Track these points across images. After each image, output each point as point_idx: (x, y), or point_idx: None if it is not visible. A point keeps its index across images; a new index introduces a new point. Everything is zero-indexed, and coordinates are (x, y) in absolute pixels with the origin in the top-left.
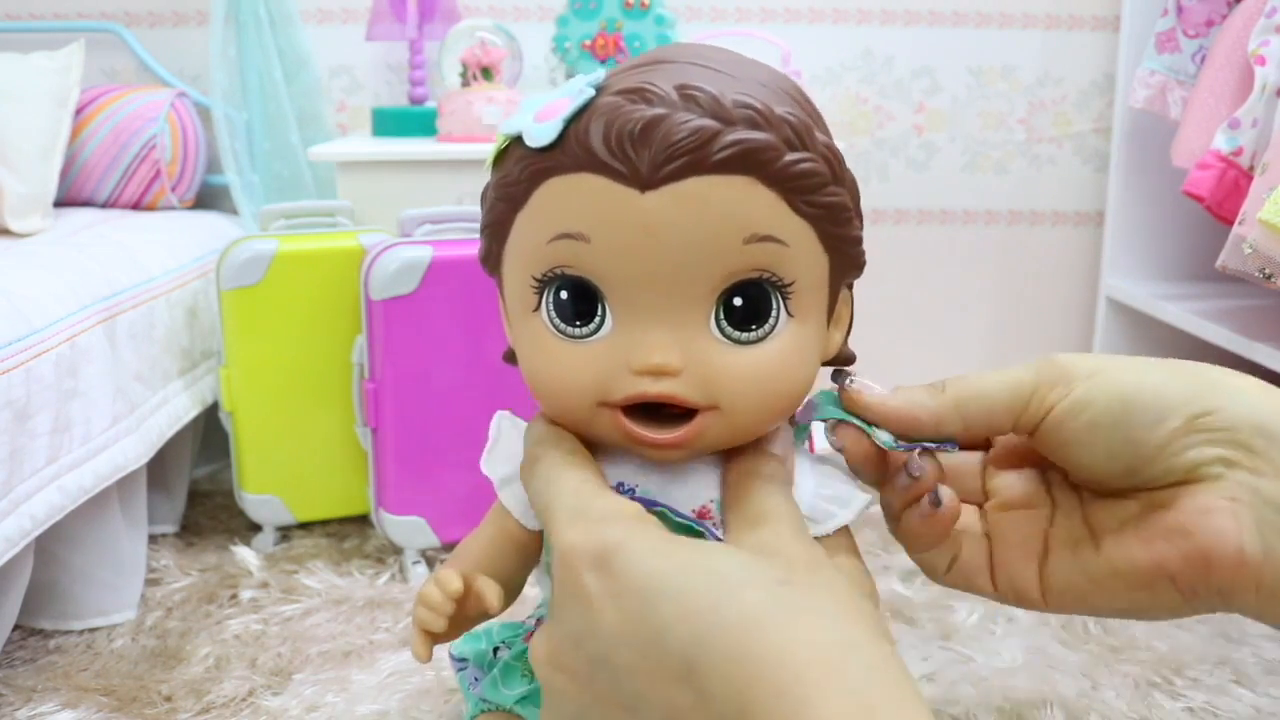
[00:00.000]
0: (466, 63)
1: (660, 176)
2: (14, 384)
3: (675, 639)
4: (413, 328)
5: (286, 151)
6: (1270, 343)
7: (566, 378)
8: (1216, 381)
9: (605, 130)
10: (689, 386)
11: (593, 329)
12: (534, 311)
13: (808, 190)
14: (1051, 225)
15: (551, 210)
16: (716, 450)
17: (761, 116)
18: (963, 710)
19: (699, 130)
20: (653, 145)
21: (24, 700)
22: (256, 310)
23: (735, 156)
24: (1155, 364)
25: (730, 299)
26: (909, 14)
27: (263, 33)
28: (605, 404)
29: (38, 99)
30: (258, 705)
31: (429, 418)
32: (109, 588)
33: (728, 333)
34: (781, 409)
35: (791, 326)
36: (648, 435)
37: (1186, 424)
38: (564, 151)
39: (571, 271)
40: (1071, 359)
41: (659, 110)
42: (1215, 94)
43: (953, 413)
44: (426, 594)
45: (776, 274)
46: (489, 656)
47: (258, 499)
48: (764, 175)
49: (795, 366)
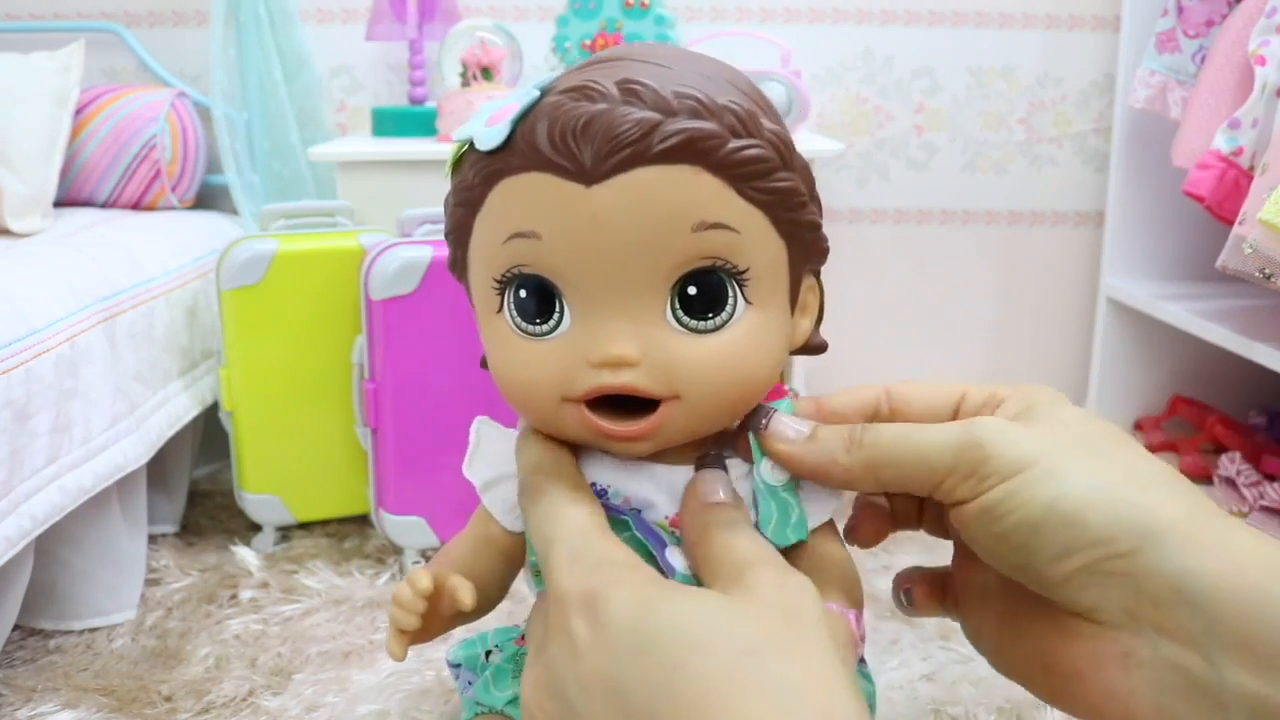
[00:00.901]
0: (466, 63)
1: (604, 169)
2: (14, 384)
3: (637, 700)
4: (413, 328)
5: (286, 151)
6: (1270, 343)
7: (529, 375)
8: (1146, 519)
9: (550, 128)
10: (649, 377)
11: (552, 326)
12: (498, 312)
13: (755, 176)
14: (1051, 225)
15: (505, 211)
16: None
17: (703, 106)
18: (963, 710)
19: (640, 121)
20: (595, 139)
21: (24, 700)
22: (256, 310)
23: (678, 145)
24: (1085, 473)
25: (685, 288)
26: (909, 14)
27: (263, 33)
28: (569, 399)
29: (38, 99)
30: (258, 705)
31: (429, 418)
32: (109, 588)
33: (684, 322)
34: (743, 397)
35: (750, 314)
36: (611, 428)
37: (1094, 564)
38: (513, 153)
39: (528, 270)
40: (999, 443)
41: (601, 106)
42: (1215, 94)
43: (865, 474)
44: (398, 592)
45: (730, 261)
46: (481, 660)
47: (258, 499)
48: (708, 163)
49: (755, 354)
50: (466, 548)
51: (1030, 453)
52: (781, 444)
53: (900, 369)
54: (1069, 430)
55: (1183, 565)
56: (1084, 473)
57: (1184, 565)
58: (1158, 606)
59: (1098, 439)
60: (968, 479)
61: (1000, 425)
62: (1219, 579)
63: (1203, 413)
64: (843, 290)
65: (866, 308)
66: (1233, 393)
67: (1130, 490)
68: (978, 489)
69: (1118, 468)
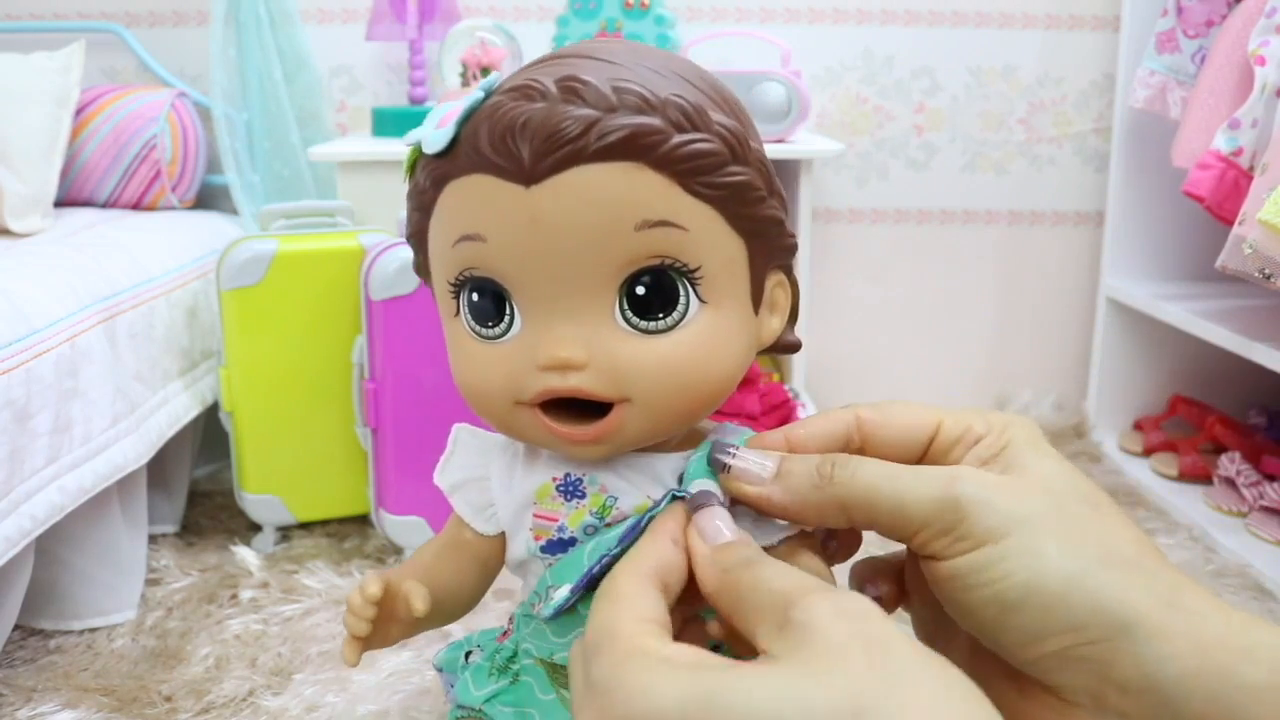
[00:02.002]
0: (466, 63)
1: (542, 169)
2: (14, 384)
3: None
4: (413, 328)
5: (286, 151)
6: (1270, 343)
7: (482, 379)
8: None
9: (490, 130)
10: (597, 380)
11: (504, 329)
12: (455, 316)
13: (702, 171)
14: (1051, 225)
15: (453, 213)
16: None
17: (645, 101)
18: None
19: (579, 119)
20: (533, 139)
21: (24, 700)
22: (256, 310)
23: (618, 143)
24: (1063, 554)
25: (633, 288)
26: (909, 14)
27: (263, 33)
28: (521, 403)
29: (38, 99)
30: (258, 705)
31: (429, 418)
32: (109, 588)
33: (634, 322)
34: (701, 398)
35: (705, 313)
36: (563, 430)
37: (1065, 650)
38: (459, 155)
39: (477, 273)
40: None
41: (539, 105)
42: (1215, 94)
43: (837, 514)
44: (350, 598)
45: (678, 259)
46: (461, 661)
47: (258, 499)
48: (650, 159)
49: (712, 354)
50: (433, 552)
51: (1008, 521)
52: (749, 486)
53: (900, 369)
54: (1048, 493)
55: (1154, 653)
56: (1062, 553)
57: (1155, 653)
58: (1125, 693)
59: (1075, 505)
60: (943, 536)
61: (980, 484)
62: (1186, 664)
63: (1203, 413)
64: (843, 290)
65: (866, 308)
66: (1233, 393)
67: (1108, 575)
68: (952, 549)
69: (1094, 544)
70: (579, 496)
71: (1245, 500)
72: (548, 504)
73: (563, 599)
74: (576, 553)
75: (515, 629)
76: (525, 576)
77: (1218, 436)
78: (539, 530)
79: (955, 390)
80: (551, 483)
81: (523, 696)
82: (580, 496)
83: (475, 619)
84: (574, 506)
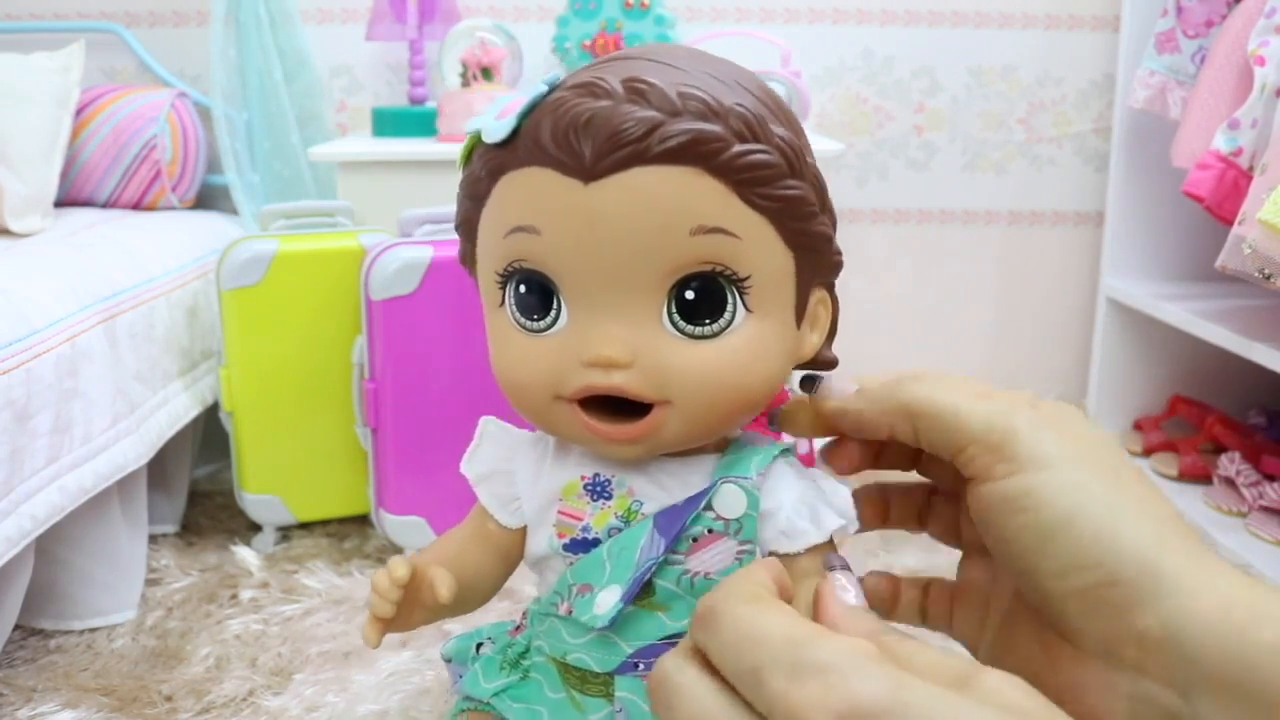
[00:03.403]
0: (466, 63)
1: (603, 167)
2: (14, 384)
3: None
4: (413, 328)
5: (286, 151)
6: (1270, 343)
7: (524, 371)
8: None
9: (553, 124)
10: (640, 380)
11: (549, 322)
12: (500, 306)
13: (760, 183)
14: (1051, 225)
15: (507, 205)
16: (678, 449)
17: (708, 108)
18: None
19: (642, 120)
20: (596, 136)
21: (24, 700)
22: (256, 310)
23: (680, 147)
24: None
25: (682, 292)
26: (909, 14)
27: (263, 33)
28: (561, 398)
29: (38, 99)
30: (258, 705)
31: (429, 418)
32: (109, 588)
33: (680, 326)
34: (739, 406)
35: (750, 322)
36: (602, 428)
37: (1092, 587)
38: (518, 147)
39: (527, 265)
40: (1030, 432)
41: (604, 103)
42: (1215, 94)
43: (903, 420)
44: (376, 579)
45: (729, 267)
46: (472, 652)
47: (258, 499)
48: (710, 166)
49: (753, 363)
50: (458, 541)
51: (1056, 454)
52: (834, 401)
53: (900, 369)
54: (1094, 448)
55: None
56: (1105, 491)
57: (1179, 606)
58: (1143, 645)
59: (1118, 463)
60: (991, 453)
61: (1035, 420)
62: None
63: (1202, 413)
64: (842, 291)
65: (866, 308)
66: (1233, 393)
67: (1144, 523)
68: (997, 469)
69: (1134, 495)
70: (605, 497)
71: (1245, 500)
72: (573, 502)
73: (615, 608)
74: (597, 554)
75: (529, 625)
76: (543, 573)
77: (1217, 436)
78: (562, 528)
79: None
80: (580, 481)
81: (531, 693)
82: (607, 498)
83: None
84: (599, 507)
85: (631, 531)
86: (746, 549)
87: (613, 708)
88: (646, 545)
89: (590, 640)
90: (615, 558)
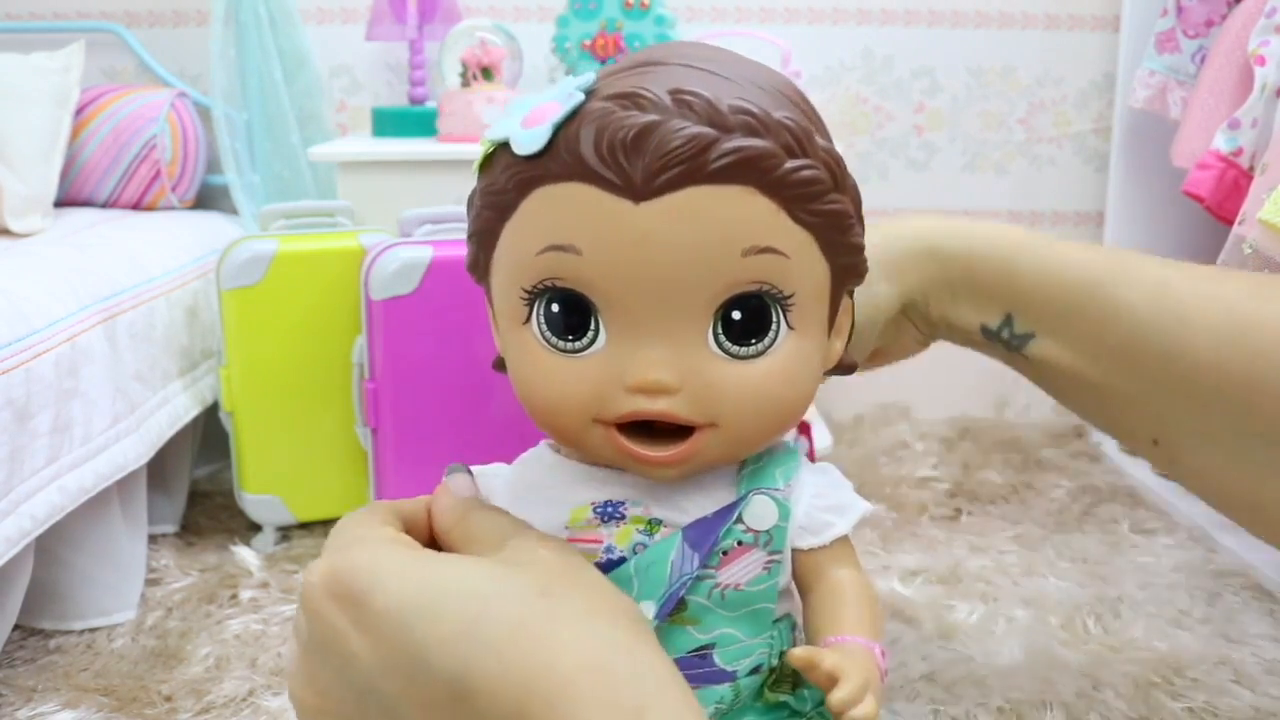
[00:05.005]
0: (466, 63)
1: (655, 187)
2: (14, 384)
3: (440, 661)
4: (412, 328)
5: (286, 151)
6: None
7: (560, 393)
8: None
9: (596, 138)
10: (687, 404)
11: (586, 343)
12: (524, 324)
13: (808, 199)
14: (1051, 225)
15: (541, 221)
16: (717, 466)
17: (759, 122)
18: (963, 710)
19: (695, 138)
20: (646, 154)
21: (24, 700)
22: (256, 310)
23: (733, 165)
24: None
25: (729, 312)
26: (909, 14)
27: (263, 33)
28: (599, 420)
29: (38, 99)
30: (258, 705)
31: (429, 418)
32: (109, 588)
33: (726, 347)
34: (782, 424)
35: (791, 339)
36: (645, 453)
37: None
38: (553, 159)
39: (563, 284)
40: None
41: (652, 117)
42: (1215, 94)
43: None
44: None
45: (777, 286)
46: None
47: (258, 499)
48: (763, 184)
49: (796, 380)
50: None
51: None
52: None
53: (900, 368)
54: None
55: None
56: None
57: (1125, 298)
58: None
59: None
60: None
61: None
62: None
63: None
64: None
65: None
66: None
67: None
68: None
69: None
70: (619, 519)
71: None
72: (583, 528)
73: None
74: (624, 571)
75: None
76: None
77: None
78: (584, 554)
79: (955, 390)
80: (589, 507)
81: None
82: (620, 519)
83: None
84: (615, 527)
85: (658, 546)
86: (775, 559)
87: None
88: (678, 560)
89: None
90: (643, 573)
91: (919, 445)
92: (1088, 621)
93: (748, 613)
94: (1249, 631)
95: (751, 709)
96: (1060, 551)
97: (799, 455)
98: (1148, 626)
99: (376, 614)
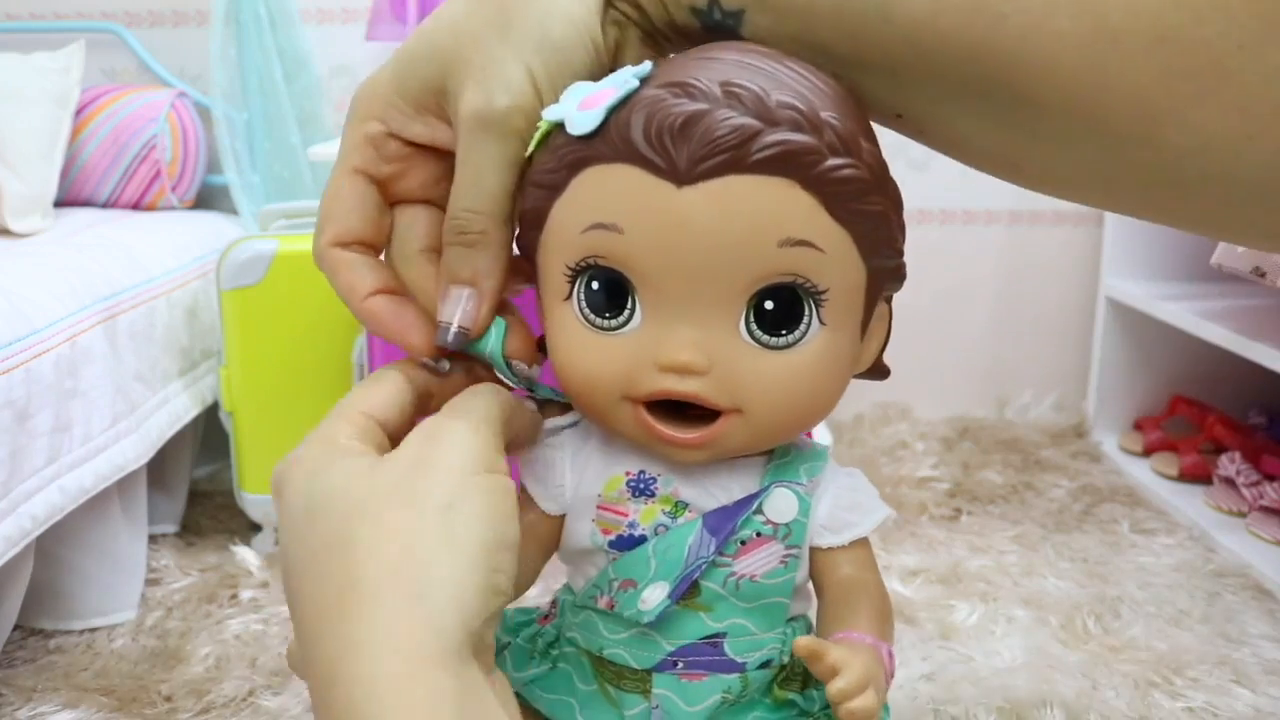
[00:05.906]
0: None
1: (698, 172)
2: (14, 384)
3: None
4: None
5: (286, 151)
6: (1269, 342)
7: (593, 369)
8: None
9: (646, 122)
10: (714, 388)
11: (622, 321)
12: (565, 300)
13: (848, 197)
14: (1051, 225)
15: (587, 200)
16: (739, 455)
17: (805, 119)
18: (963, 710)
19: (740, 128)
20: (692, 140)
21: (24, 700)
22: (256, 310)
23: (775, 157)
24: None
25: (762, 302)
26: None
27: (263, 33)
28: (628, 398)
29: (38, 99)
30: (258, 705)
31: None
32: (109, 588)
33: (757, 336)
34: (806, 419)
35: (823, 335)
36: (669, 433)
37: None
38: (604, 141)
39: (604, 262)
40: None
41: (701, 105)
42: None
43: None
44: None
45: (810, 280)
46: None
47: (258, 499)
48: (804, 179)
49: (824, 376)
50: None
51: None
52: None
53: (900, 369)
54: None
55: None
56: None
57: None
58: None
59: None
60: None
61: None
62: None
63: (1203, 413)
64: None
65: None
66: (1233, 393)
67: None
68: None
69: None
70: (649, 495)
71: (1245, 500)
72: (614, 498)
73: (663, 604)
74: (643, 550)
75: (559, 615)
76: (579, 565)
77: (1218, 436)
78: (606, 524)
79: (955, 390)
80: (624, 476)
81: (561, 684)
82: (650, 495)
83: None
84: (642, 504)
85: (679, 530)
86: (793, 553)
87: (649, 704)
88: (696, 544)
89: (630, 636)
90: (661, 555)
91: (919, 445)
92: (1087, 621)
93: (761, 605)
94: (1249, 631)
95: (760, 704)
96: (1060, 551)
97: (827, 456)
98: (1147, 626)
99: (281, 510)
